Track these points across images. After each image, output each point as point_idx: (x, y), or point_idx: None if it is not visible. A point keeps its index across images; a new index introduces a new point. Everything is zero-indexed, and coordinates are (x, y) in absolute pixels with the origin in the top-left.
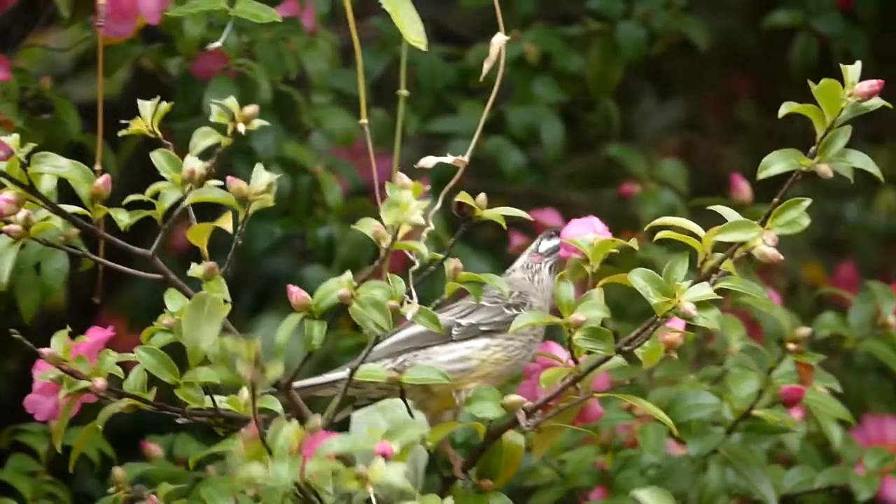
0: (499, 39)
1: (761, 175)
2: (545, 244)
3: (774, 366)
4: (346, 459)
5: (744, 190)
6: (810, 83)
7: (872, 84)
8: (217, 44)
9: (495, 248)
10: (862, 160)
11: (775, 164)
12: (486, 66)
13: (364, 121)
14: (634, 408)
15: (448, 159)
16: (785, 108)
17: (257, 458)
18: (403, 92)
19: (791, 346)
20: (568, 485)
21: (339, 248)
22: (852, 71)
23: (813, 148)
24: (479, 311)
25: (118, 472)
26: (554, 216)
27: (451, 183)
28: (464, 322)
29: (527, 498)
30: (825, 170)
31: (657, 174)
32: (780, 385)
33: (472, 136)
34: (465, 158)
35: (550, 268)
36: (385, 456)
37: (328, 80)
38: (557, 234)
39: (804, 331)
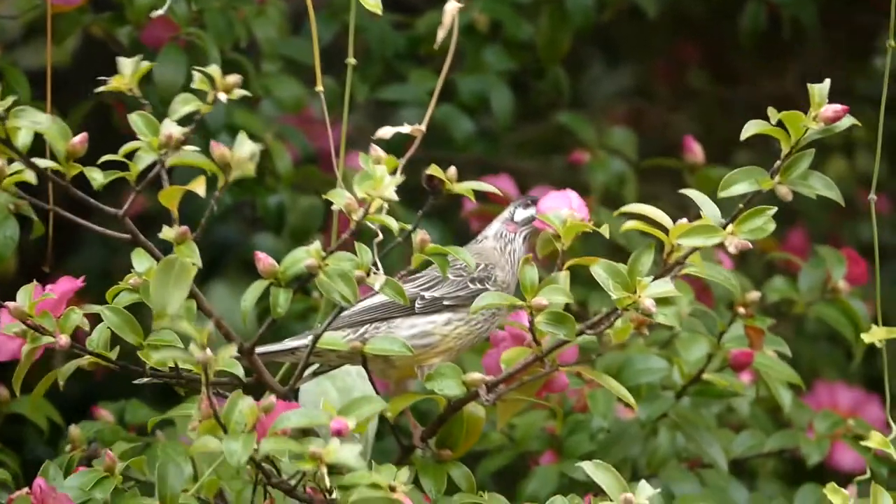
0: (452, 6)
1: (722, 194)
2: (521, 213)
3: (724, 330)
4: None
5: (696, 152)
6: (772, 112)
7: (837, 110)
8: (161, 10)
9: (447, 216)
10: (824, 185)
11: (737, 183)
12: (441, 34)
13: (319, 88)
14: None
15: (406, 129)
16: (750, 130)
17: (212, 432)
18: (351, 60)
19: (741, 310)
20: (518, 449)
21: (289, 216)
22: (819, 92)
23: (777, 163)
24: (443, 284)
25: (74, 430)
26: (508, 183)
27: (412, 150)
28: (427, 295)
29: (477, 462)
30: (785, 192)
31: (607, 142)
32: (729, 349)
33: (422, 104)
34: (423, 128)
35: (525, 237)
36: (340, 433)
37: (278, 48)
38: (534, 202)
39: (754, 295)
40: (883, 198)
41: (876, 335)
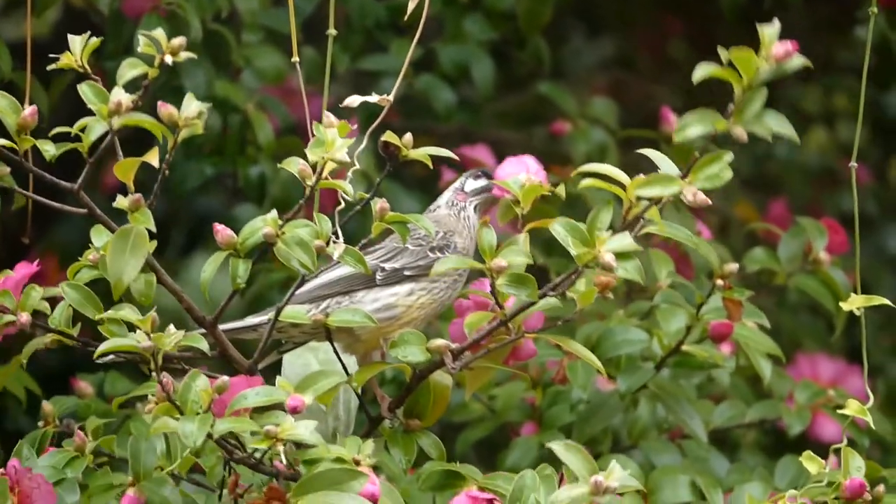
0: None
1: (677, 138)
2: (471, 184)
3: (703, 302)
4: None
5: (674, 122)
6: (722, 51)
7: (788, 48)
8: None
9: (426, 186)
10: (778, 122)
11: (692, 126)
12: (412, 4)
13: (295, 59)
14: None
15: (373, 98)
16: (701, 72)
17: (168, 414)
18: (332, 31)
19: (719, 282)
20: (498, 420)
21: (271, 187)
22: (769, 32)
23: (730, 106)
24: (403, 255)
25: (47, 406)
26: (486, 153)
27: (378, 121)
28: (388, 266)
29: (457, 433)
30: (740, 132)
31: (588, 112)
32: (708, 321)
33: (402, 72)
34: (390, 97)
35: (475, 207)
36: (296, 410)
37: (259, 19)
38: (485, 175)
39: (732, 266)
40: (864, 168)
41: (854, 303)
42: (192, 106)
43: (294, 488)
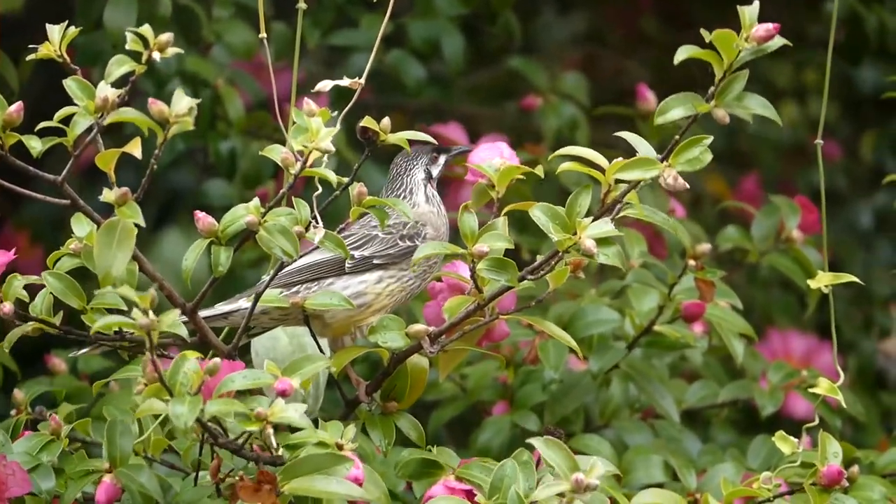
0: None
1: (659, 120)
2: (436, 169)
3: (675, 282)
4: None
5: (649, 100)
6: (704, 32)
7: (769, 28)
8: None
9: None
10: (759, 104)
11: (673, 108)
12: None
13: (263, 35)
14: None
15: (345, 82)
16: (682, 54)
17: (157, 395)
18: (302, 5)
19: (692, 262)
20: (470, 399)
21: (241, 162)
22: (749, 13)
23: (711, 89)
24: (372, 243)
25: (18, 394)
26: (457, 130)
27: (351, 103)
28: (357, 254)
29: (429, 412)
30: (722, 115)
31: (559, 87)
32: (681, 301)
33: (373, 49)
34: (362, 80)
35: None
36: (285, 394)
37: None
38: (438, 151)
39: (704, 247)
40: (835, 144)
41: (823, 280)
42: (183, 102)
43: (281, 472)
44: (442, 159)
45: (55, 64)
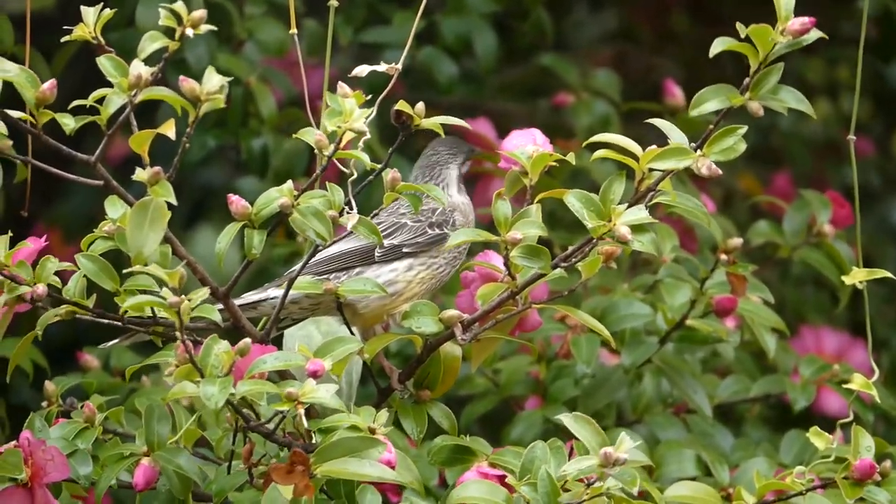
0: None
1: (693, 112)
2: (465, 166)
3: (707, 276)
4: (282, 373)
5: (677, 96)
6: (740, 26)
7: (804, 22)
8: None
9: None
10: (794, 98)
11: (708, 101)
12: None
13: (293, 31)
14: (568, 318)
15: (381, 67)
16: (718, 46)
17: (188, 378)
18: (334, 2)
19: (723, 256)
20: (502, 394)
21: (273, 159)
22: (785, 5)
23: (746, 81)
24: (402, 231)
25: (49, 386)
26: (488, 126)
27: (386, 91)
28: (386, 243)
29: (461, 407)
30: (756, 107)
31: (590, 84)
32: (713, 295)
33: (405, 46)
34: (398, 66)
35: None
36: (316, 375)
37: None
38: (463, 151)
39: (736, 241)
40: (867, 140)
41: (857, 276)
42: (214, 80)
43: (314, 455)
44: (466, 153)
45: (86, 62)
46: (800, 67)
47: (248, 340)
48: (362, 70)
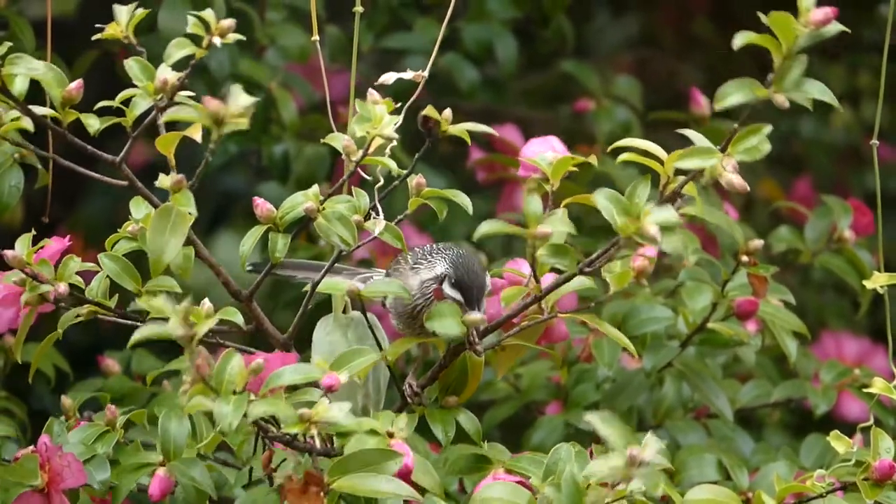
0: None
1: (717, 106)
2: (449, 290)
3: (728, 278)
4: None
5: (703, 104)
6: (761, 15)
7: (827, 12)
8: None
9: (454, 165)
10: (819, 89)
11: (731, 94)
12: None
13: (315, 37)
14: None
15: (408, 75)
16: (740, 39)
17: (203, 394)
18: (359, 8)
19: (744, 258)
20: (523, 399)
21: (295, 165)
22: (806, 2)
23: (770, 75)
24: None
25: (66, 401)
26: (514, 132)
27: (412, 99)
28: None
29: (482, 412)
30: (781, 100)
31: (612, 90)
32: (734, 297)
33: (427, 52)
34: (425, 73)
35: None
36: (332, 389)
37: None
38: (458, 286)
39: (757, 243)
40: (889, 147)
41: (878, 281)
42: (240, 101)
43: (329, 470)
44: (456, 292)
45: (103, 71)
46: (821, 74)
47: (260, 361)
48: (389, 77)
